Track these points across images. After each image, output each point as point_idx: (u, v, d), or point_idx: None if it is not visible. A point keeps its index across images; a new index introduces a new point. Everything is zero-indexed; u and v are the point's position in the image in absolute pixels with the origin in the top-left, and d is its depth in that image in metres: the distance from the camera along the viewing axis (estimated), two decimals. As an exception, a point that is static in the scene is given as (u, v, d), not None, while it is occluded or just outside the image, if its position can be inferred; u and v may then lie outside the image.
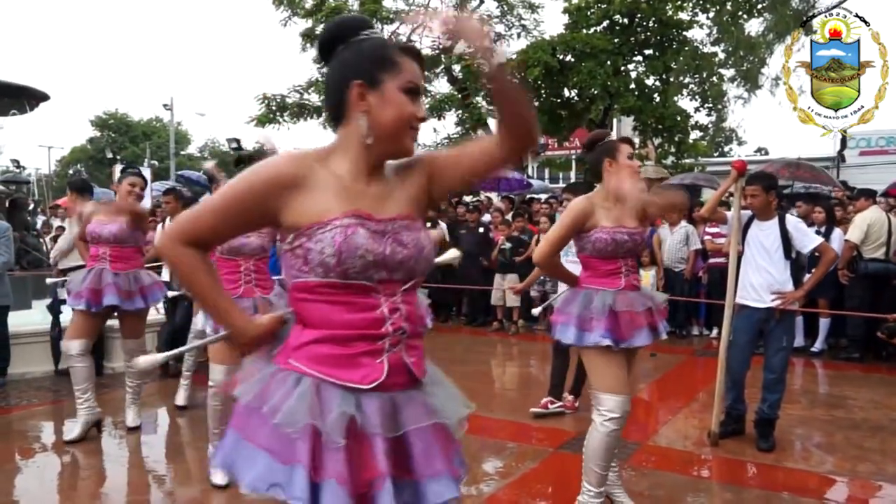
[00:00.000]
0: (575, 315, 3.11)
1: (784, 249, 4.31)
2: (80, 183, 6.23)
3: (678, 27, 14.96)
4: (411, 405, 1.43)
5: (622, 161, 3.14)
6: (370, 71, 1.41)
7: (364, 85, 1.41)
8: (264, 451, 1.34)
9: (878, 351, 6.84)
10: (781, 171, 11.00)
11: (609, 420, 3.03)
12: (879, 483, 3.85)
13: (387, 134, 1.42)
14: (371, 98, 1.41)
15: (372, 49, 1.43)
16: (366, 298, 1.40)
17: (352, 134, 1.44)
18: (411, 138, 1.45)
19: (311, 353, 1.40)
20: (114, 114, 45.61)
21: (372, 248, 1.38)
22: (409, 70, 1.43)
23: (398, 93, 1.41)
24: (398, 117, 1.41)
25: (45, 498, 3.74)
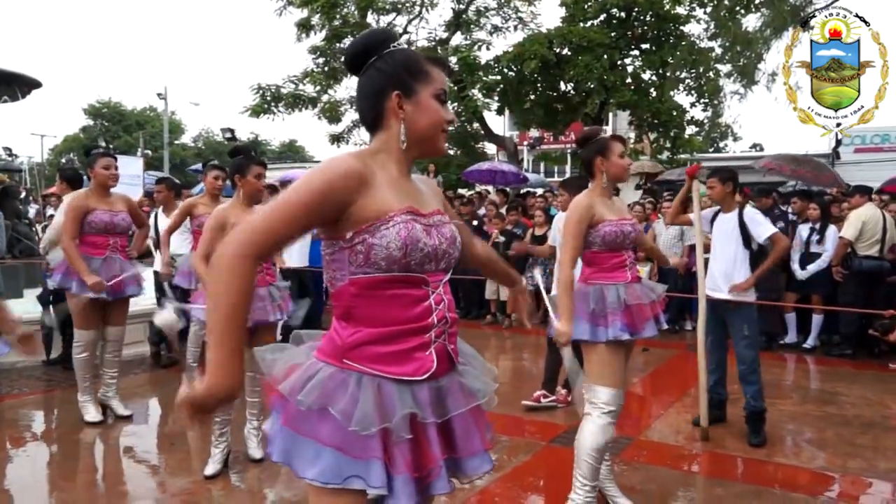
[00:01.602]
0: (587, 311, 3.07)
1: (743, 240, 4.42)
2: (70, 172, 6.21)
3: (675, 21, 14.95)
4: (453, 390, 1.56)
5: (613, 159, 3.13)
6: (406, 81, 1.54)
7: (401, 95, 1.54)
8: (332, 449, 1.43)
9: (871, 348, 6.86)
10: (783, 167, 10.97)
11: (606, 413, 3.05)
12: (870, 479, 3.87)
13: (423, 137, 1.57)
14: (407, 106, 1.54)
15: (406, 60, 1.56)
16: (417, 290, 1.51)
17: (392, 138, 1.56)
18: (443, 140, 1.61)
19: (367, 352, 1.48)
20: (107, 102, 45.31)
21: (427, 241, 1.50)
22: (439, 79, 1.58)
23: (431, 100, 1.56)
24: (432, 123, 1.56)
25: (37, 487, 3.72)
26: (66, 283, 4.44)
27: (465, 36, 16.47)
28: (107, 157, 4.59)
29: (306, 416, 1.46)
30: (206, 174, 4.72)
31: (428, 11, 16.16)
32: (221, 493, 3.58)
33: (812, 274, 7.19)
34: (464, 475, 1.59)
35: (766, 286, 6.81)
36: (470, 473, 1.60)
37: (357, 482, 1.42)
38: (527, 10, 16.47)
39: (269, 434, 1.54)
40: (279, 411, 1.52)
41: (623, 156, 3.16)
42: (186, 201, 5.07)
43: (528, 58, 13.86)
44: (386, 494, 1.43)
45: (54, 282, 4.52)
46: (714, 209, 4.67)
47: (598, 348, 3.09)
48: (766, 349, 7.24)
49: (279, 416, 1.51)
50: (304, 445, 1.46)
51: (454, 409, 1.55)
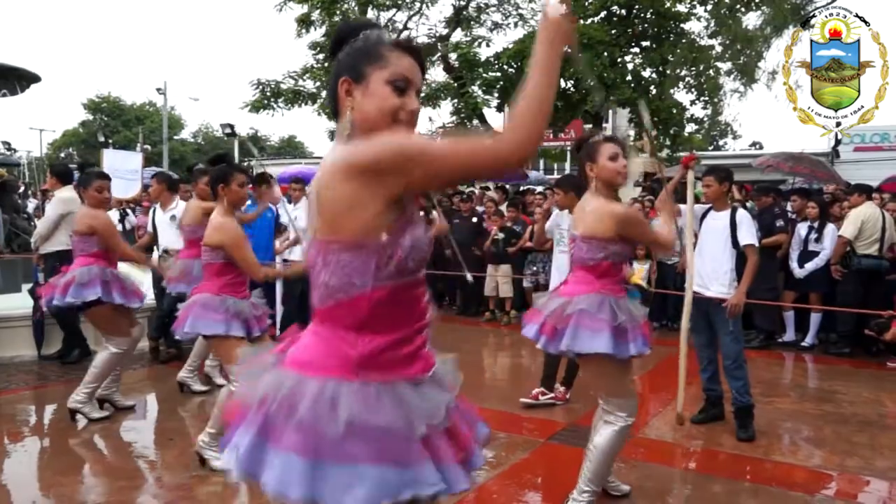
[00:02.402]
0: (611, 323, 2.95)
1: (732, 240, 4.45)
2: (61, 168, 6.22)
3: (676, 19, 14.91)
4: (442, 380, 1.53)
5: (602, 162, 3.05)
6: (356, 66, 1.44)
7: (349, 80, 1.44)
8: (377, 466, 1.32)
9: (869, 346, 6.86)
10: (781, 164, 10.99)
11: (629, 424, 3.10)
12: (868, 478, 3.87)
13: (371, 126, 1.41)
14: (356, 92, 1.43)
15: (362, 44, 1.45)
16: (417, 290, 1.46)
17: (342, 128, 1.46)
18: (400, 130, 1.42)
19: (383, 360, 1.40)
20: (107, 97, 45.19)
21: (425, 239, 1.44)
22: (398, 63, 1.43)
23: (382, 85, 1.42)
24: (379, 109, 1.41)
25: (33, 482, 3.72)
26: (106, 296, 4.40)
27: (466, 32, 16.42)
28: (101, 178, 4.57)
29: (333, 440, 1.32)
30: (197, 181, 4.72)
31: (428, 7, 16.09)
32: (220, 488, 3.58)
33: (810, 272, 7.19)
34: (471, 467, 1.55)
35: (764, 285, 6.83)
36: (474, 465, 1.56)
37: (408, 492, 1.33)
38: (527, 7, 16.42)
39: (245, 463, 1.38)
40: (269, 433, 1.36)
41: (616, 158, 3.04)
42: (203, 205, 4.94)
43: (528, 55, 13.68)
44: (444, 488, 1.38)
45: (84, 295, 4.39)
46: (706, 206, 4.68)
47: (614, 361, 3.00)
48: (765, 347, 7.26)
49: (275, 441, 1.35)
50: (337, 472, 1.32)
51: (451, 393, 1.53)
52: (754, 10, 14.08)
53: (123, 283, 4.56)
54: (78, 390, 4.56)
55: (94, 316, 4.57)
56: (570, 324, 2.98)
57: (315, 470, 1.32)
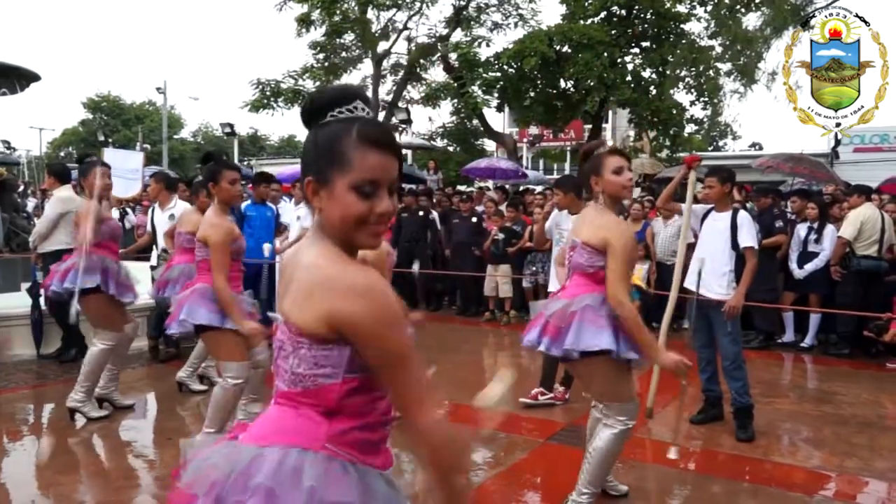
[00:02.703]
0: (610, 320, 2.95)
1: (732, 241, 4.44)
2: (58, 167, 6.21)
3: (676, 20, 14.92)
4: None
5: (607, 176, 3.02)
6: (320, 167, 1.33)
7: (313, 181, 1.34)
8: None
9: (868, 348, 6.86)
10: (781, 165, 11.00)
11: (629, 427, 3.08)
12: (867, 479, 3.87)
13: (337, 231, 1.34)
14: (322, 194, 1.33)
15: (325, 141, 1.33)
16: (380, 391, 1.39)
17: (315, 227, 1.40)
18: (368, 234, 1.34)
19: (350, 439, 1.33)
20: (106, 96, 45.17)
21: None
22: (364, 166, 1.30)
23: (346, 191, 1.30)
24: (342, 218, 1.31)
25: (31, 482, 3.72)
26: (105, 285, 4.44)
27: (466, 32, 16.42)
28: (101, 167, 4.57)
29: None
30: (199, 194, 4.75)
31: (428, 7, 16.11)
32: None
33: (810, 273, 7.19)
34: None
35: (763, 286, 6.83)
36: None
37: None
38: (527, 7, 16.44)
39: None
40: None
41: (620, 171, 3.01)
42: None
43: (528, 55, 13.83)
44: None
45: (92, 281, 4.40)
46: (707, 206, 4.68)
47: (614, 365, 3.01)
48: (764, 348, 7.26)
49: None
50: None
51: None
52: (754, 11, 14.09)
53: (120, 275, 4.57)
54: (75, 389, 4.56)
55: (89, 305, 4.54)
56: (573, 321, 2.97)
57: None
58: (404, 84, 17.86)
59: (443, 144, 20.13)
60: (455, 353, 6.99)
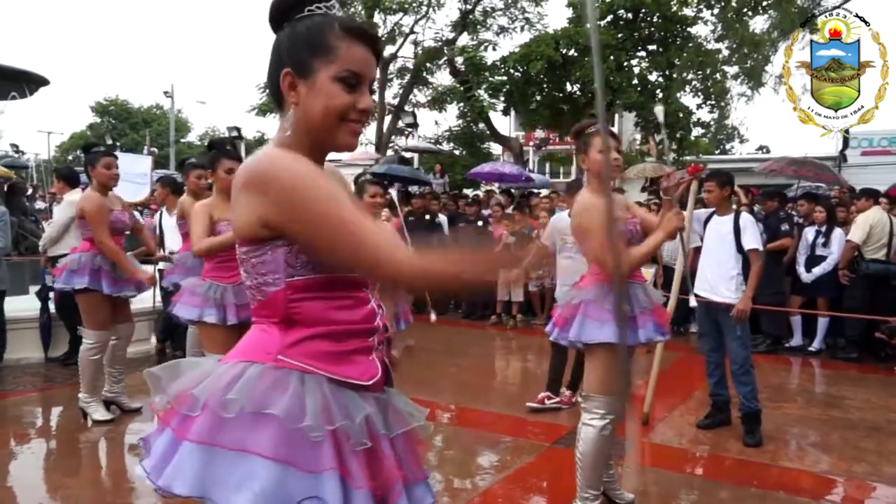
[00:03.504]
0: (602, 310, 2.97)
1: (736, 244, 4.44)
2: (66, 171, 6.24)
3: (682, 23, 14.89)
4: (391, 407, 1.39)
5: (592, 154, 3.04)
6: (301, 58, 1.27)
7: (292, 73, 1.28)
8: (273, 462, 1.18)
9: (876, 352, 6.83)
10: (785, 168, 10.98)
11: (607, 422, 3.02)
12: (875, 484, 3.85)
13: (316, 127, 1.29)
14: (301, 87, 1.28)
15: (307, 32, 1.28)
16: (359, 292, 1.35)
17: (284, 126, 1.33)
18: (348, 132, 1.31)
19: (307, 349, 1.29)
20: (114, 100, 45.42)
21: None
22: (349, 57, 1.27)
23: (330, 82, 1.26)
24: (325, 110, 1.27)
25: (39, 485, 3.72)
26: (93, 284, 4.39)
27: (472, 36, 16.47)
28: (108, 156, 4.54)
29: (231, 424, 1.20)
30: (188, 174, 4.69)
31: (435, 11, 16.18)
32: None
33: (818, 277, 7.16)
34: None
35: (770, 289, 6.80)
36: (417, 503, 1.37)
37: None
38: (534, 11, 16.47)
39: (156, 463, 1.25)
40: (178, 427, 1.25)
41: (605, 150, 3.07)
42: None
43: (534, 58, 13.84)
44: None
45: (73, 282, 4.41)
46: (709, 211, 4.69)
47: (611, 353, 2.98)
48: (772, 352, 7.23)
49: (179, 433, 1.24)
50: (230, 465, 1.19)
51: (397, 427, 1.36)
52: (761, 14, 14.06)
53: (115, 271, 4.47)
54: (81, 389, 4.60)
55: (80, 303, 4.53)
56: (577, 314, 3.03)
57: (207, 460, 1.20)
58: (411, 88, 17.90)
59: (449, 148, 20.14)
60: (462, 356, 6.98)
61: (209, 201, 3.75)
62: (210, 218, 3.62)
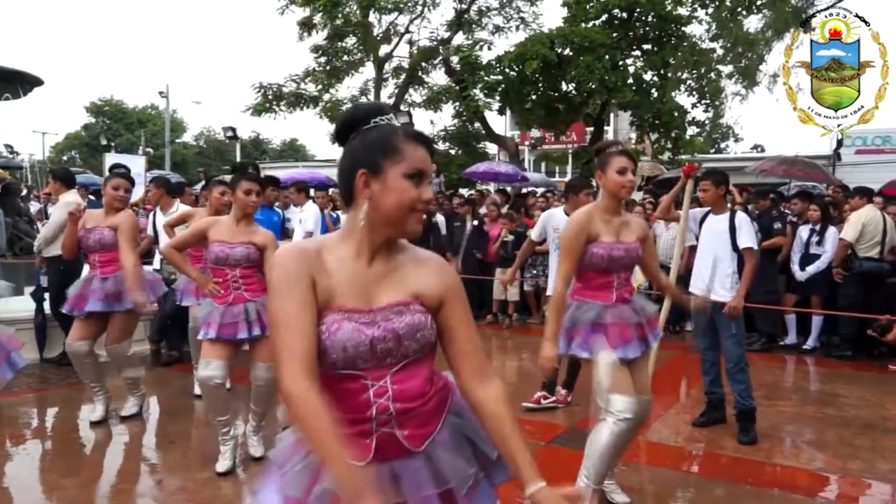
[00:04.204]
0: (565, 328, 3.21)
1: (732, 243, 4.46)
2: (62, 172, 6.22)
3: (677, 22, 14.94)
4: (409, 473, 1.50)
5: (610, 174, 3.11)
6: (373, 159, 1.47)
7: (367, 173, 1.47)
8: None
9: (870, 349, 6.86)
10: (775, 168, 11.03)
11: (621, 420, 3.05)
12: (870, 481, 3.87)
13: (389, 218, 1.48)
14: (374, 185, 1.47)
15: (377, 138, 1.49)
16: (352, 384, 1.47)
17: (356, 218, 1.51)
18: (415, 220, 1.50)
19: None
20: (109, 100, 45.33)
21: (357, 339, 1.44)
22: (413, 156, 1.48)
23: (400, 179, 1.46)
24: (398, 203, 1.46)
25: (35, 486, 3.72)
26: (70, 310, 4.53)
27: (467, 36, 16.48)
28: (117, 178, 4.52)
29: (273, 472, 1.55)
30: (212, 189, 4.70)
31: (430, 11, 16.19)
32: (222, 490, 3.58)
33: (812, 275, 7.19)
34: None
35: (764, 287, 6.83)
36: None
37: None
38: (529, 11, 16.49)
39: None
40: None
41: (624, 172, 3.09)
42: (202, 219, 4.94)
43: (529, 58, 13.86)
44: None
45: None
46: (704, 210, 4.71)
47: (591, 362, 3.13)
48: (766, 350, 7.26)
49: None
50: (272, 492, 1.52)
51: (410, 493, 1.48)
52: (755, 14, 14.09)
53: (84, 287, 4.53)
54: None
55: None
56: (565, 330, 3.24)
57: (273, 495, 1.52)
58: (406, 87, 17.90)
59: (444, 147, 20.16)
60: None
61: (219, 219, 3.84)
62: (205, 234, 3.80)
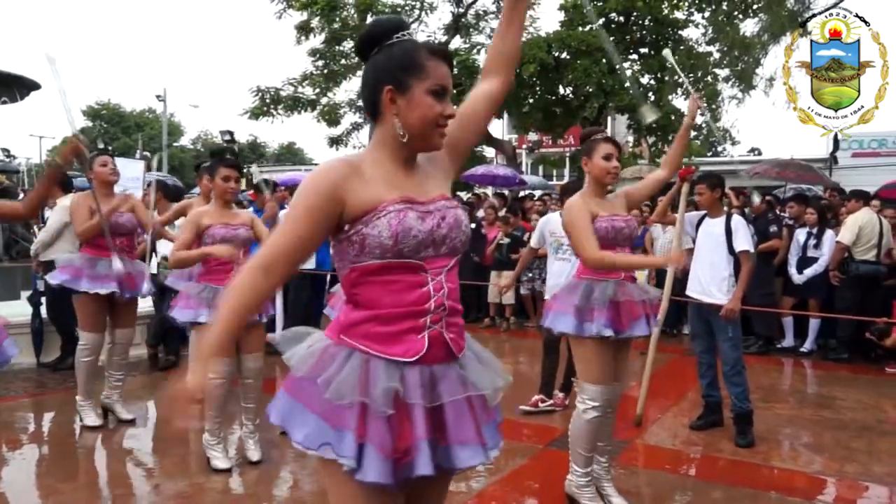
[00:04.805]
0: (574, 305, 3.18)
1: (728, 246, 4.49)
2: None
3: (673, 26, 14.96)
4: (448, 378, 1.58)
5: (596, 160, 3.20)
6: (399, 76, 1.54)
7: (393, 90, 1.54)
8: (316, 416, 1.51)
9: (867, 352, 6.87)
10: (768, 171, 11.07)
11: (591, 408, 3.18)
12: (866, 483, 3.87)
13: (415, 133, 1.56)
14: (400, 102, 1.55)
15: (402, 54, 1.55)
16: (415, 276, 1.55)
17: (387, 132, 1.59)
18: (439, 135, 1.59)
19: (362, 331, 1.55)
20: (106, 104, 45.28)
21: (422, 227, 1.53)
22: (436, 73, 1.55)
23: (425, 95, 1.54)
24: (424, 119, 1.54)
25: (31, 490, 3.72)
26: (74, 283, 4.37)
27: (465, 39, 16.48)
28: (102, 154, 4.55)
29: (301, 382, 1.56)
30: (201, 177, 4.73)
31: (427, 15, 16.17)
32: (219, 494, 3.58)
33: (809, 278, 7.20)
34: (452, 465, 1.56)
35: (760, 290, 6.84)
36: (459, 464, 1.56)
37: (329, 451, 1.48)
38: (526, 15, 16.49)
39: (274, 400, 1.63)
40: (288, 379, 1.62)
41: (609, 158, 3.19)
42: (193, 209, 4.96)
43: (526, 61, 13.86)
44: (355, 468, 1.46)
45: (59, 280, 4.41)
46: (700, 213, 4.72)
47: (584, 343, 3.19)
48: (763, 353, 7.27)
49: (285, 382, 1.62)
50: (297, 410, 1.55)
51: (447, 396, 1.56)
52: (752, 17, 14.13)
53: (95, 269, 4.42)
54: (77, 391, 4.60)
55: (75, 305, 4.53)
56: (552, 306, 3.34)
57: (288, 404, 1.58)
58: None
59: (442, 151, 20.15)
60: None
61: (204, 208, 3.83)
62: (199, 226, 3.77)
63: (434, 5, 16.02)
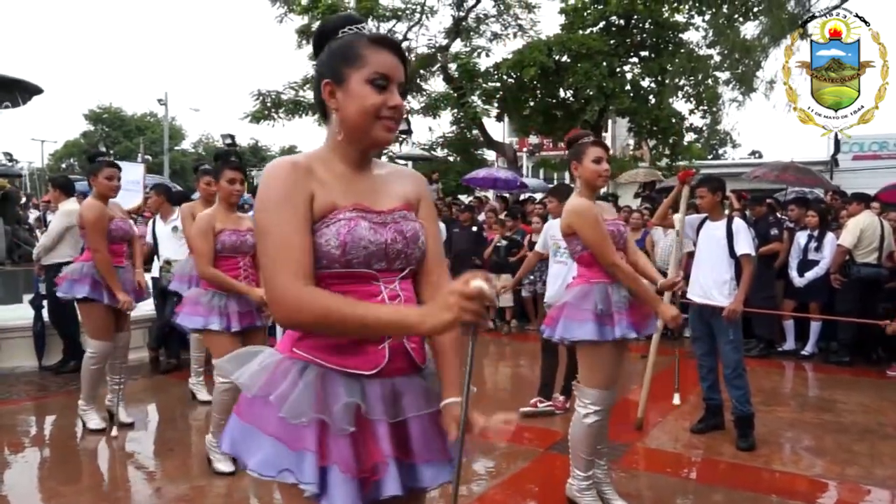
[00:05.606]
0: (593, 311, 3.11)
1: (729, 249, 4.49)
2: (62, 180, 6.24)
3: (674, 29, 14.99)
4: (411, 391, 1.48)
5: (586, 163, 3.17)
6: (336, 68, 1.45)
7: (332, 83, 1.46)
8: (272, 438, 1.39)
9: (869, 355, 6.86)
10: (767, 174, 11.07)
11: (593, 413, 3.17)
12: (868, 487, 3.87)
13: (355, 126, 1.45)
14: (339, 95, 1.45)
15: (339, 47, 1.46)
16: (367, 287, 1.45)
17: (332, 131, 1.51)
18: (383, 128, 1.46)
19: (316, 342, 1.43)
20: (108, 108, 45.32)
21: (374, 238, 1.43)
22: (376, 61, 1.44)
23: (362, 85, 1.43)
24: (361, 110, 1.43)
25: (34, 493, 3.72)
26: (97, 295, 4.37)
27: (465, 43, 16.50)
28: (111, 167, 4.54)
29: (253, 403, 1.44)
30: (199, 180, 4.72)
31: (428, 18, 16.19)
32: (221, 498, 3.58)
33: (810, 281, 7.20)
34: (418, 485, 1.45)
35: (761, 293, 6.84)
36: (424, 483, 1.46)
37: (290, 476, 1.36)
38: (526, 18, 16.51)
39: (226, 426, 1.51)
40: (240, 402, 1.50)
41: (599, 161, 3.16)
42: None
43: (527, 65, 13.89)
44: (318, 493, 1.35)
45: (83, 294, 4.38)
46: (701, 216, 4.73)
47: (601, 349, 3.13)
48: (765, 356, 7.26)
49: (236, 407, 1.50)
50: (250, 434, 1.43)
51: (410, 411, 1.46)
52: (752, 20, 14.13)
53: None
54: (80, 396, 4.60)
55: (82, 312, 4.55)
56: (562, 314, 3.21)
57: (239, 428, 1.45)
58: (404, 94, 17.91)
59: (443, 154, 20.18)
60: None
61: (211, 211, 3.82)
62: (213, 231, 3.74)
63: (435, 9, 16.05)
